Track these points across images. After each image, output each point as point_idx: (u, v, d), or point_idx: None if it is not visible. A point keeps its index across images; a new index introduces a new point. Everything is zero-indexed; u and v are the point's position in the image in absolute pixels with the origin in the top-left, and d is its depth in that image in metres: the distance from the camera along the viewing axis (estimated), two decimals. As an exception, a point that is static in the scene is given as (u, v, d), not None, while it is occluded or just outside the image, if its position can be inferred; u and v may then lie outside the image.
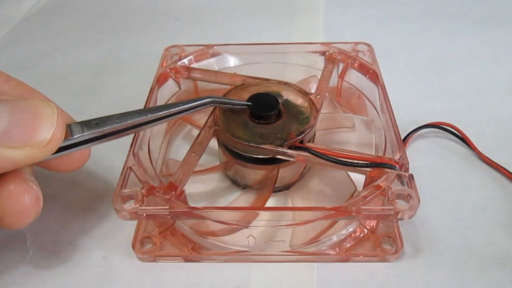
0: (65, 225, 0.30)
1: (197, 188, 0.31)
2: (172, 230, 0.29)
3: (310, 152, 0.27)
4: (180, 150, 0.35)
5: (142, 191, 0.25)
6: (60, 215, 0.31)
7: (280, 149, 0.28)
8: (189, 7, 0.57)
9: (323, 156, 0.27)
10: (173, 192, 0.26)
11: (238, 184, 0.32)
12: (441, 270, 0.27)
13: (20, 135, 0.20)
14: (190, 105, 0.27)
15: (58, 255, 0.28)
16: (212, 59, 0.37)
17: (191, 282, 0.27)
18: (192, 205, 0.25)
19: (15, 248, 0.29)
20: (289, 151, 0.28)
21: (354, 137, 0.34)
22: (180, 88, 0.35)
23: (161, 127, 0.34)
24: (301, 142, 0.28)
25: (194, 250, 0.28)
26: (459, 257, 0.27)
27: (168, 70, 0.35)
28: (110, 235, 0.29)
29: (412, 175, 0.25)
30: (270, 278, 0.27)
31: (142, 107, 0.39)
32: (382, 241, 0.28)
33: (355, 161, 0.26)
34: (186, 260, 0.28)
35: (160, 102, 0.33)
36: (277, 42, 0.38)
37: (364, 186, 0.27)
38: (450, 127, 0.34)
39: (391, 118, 0.29)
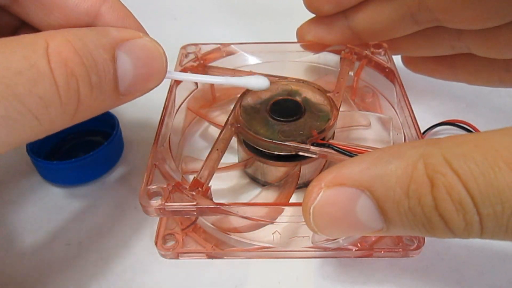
0: (87, 222, 0.30)
1: (217, 185, 0.31)
2: (194, 227, 0.29)
3: (333, 149, 0.27)
4: (197, 147, 0.35)
5: (169, 187, 0.25)
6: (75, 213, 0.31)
7: (303, 145, 0.28)
8: (187, 7, 0.57)
9: (347, 153, 0.27)
10: (199, 189, 0.26)
11: (257, 181, 0.32)
12: (465, 264, 0.27)
13: (139, 88, 0.22)
14: None
15: (82, 252, 0.29)
16: (227, 58, 0.37)
17: (215, 279, 0.27)
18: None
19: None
20: (312, 148, 0.28)
21: (371, 134, 0.34)
22: (197, 87, 0.35)
23: (179, 124, 0.34)
24: (323, 139, 0.29)
25: (217, 247, 0.28)
26: (482, 252, 0.28)
27: (185, 68, 0.35)
28: (132, 233, 0.30)
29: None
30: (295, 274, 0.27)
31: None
32: (403, 237, 0.28)
33: (378, 158, 0.27)
34: (209, 256, 0.28)
35: (178, 100, 0.33)
36: (292, 41, 0.38)
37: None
38: (466, 124, 0.35)
39: (411, 115, 0.30)
